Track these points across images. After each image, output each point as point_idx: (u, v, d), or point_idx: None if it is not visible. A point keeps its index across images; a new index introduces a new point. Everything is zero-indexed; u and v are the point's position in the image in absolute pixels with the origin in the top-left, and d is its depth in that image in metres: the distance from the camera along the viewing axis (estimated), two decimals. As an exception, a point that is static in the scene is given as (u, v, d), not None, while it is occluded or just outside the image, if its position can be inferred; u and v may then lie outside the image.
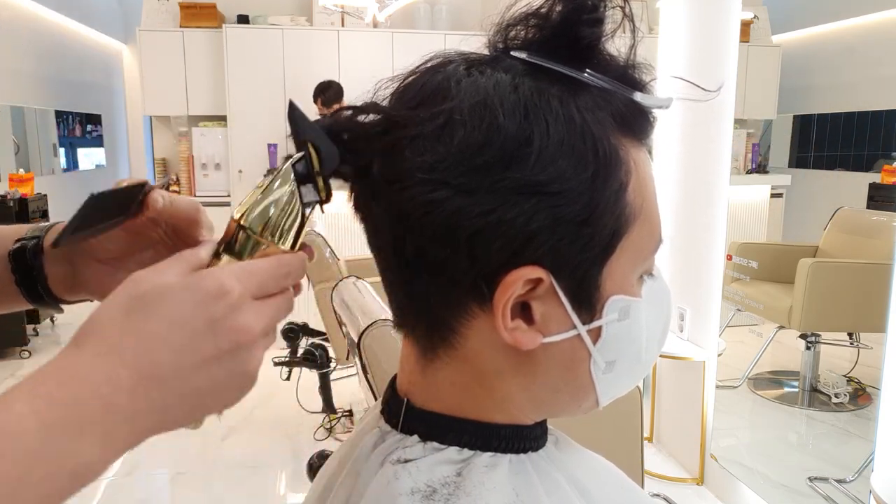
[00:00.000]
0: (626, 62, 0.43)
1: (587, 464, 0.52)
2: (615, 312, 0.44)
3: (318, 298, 2.89)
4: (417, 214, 0.40)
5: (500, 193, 0.39)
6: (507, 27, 0.44)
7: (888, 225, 2.90)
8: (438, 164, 0.40)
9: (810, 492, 2.39)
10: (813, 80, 3.70)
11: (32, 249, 0.53)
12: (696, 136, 2.59)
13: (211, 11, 5.37)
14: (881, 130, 3.29)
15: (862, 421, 2.80)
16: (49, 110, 6.41)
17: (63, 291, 0.54)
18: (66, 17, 6.71)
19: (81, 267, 0.53)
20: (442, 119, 0.40)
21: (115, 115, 8.42)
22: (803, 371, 2.98)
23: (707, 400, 2.59)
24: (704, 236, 2.57)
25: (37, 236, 0.53)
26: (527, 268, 0.40)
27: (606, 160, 0.41)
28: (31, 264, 0.53)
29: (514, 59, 0.43)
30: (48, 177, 6.21)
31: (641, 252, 0.44)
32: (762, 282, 3.04)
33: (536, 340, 0.42)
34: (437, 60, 0.44)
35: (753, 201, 3.58)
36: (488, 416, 0.46)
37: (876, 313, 1.91)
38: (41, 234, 0.53)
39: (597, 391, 0.46)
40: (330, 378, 3.11)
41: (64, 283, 0.54)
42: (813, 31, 3.67)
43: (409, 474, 0.44)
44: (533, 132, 0.39)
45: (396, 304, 0.47)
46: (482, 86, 0.41)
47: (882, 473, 1.76)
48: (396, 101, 0.44)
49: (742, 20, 2.42)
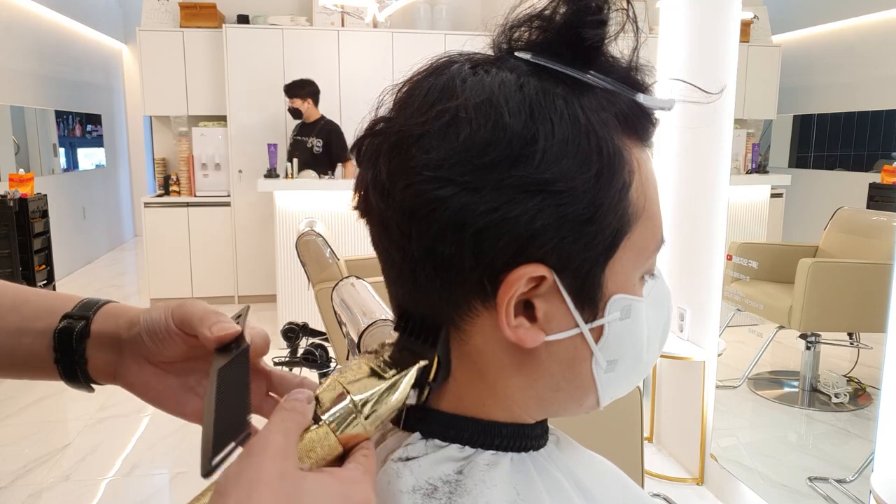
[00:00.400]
0: (629, 64, 0.43)
1: (588, 463, 0.52)
2: (617, 311, 0.44)
3: (318, 298, 2.89)
4: (423, 212, 0.41)
5: (505, 191, 0.39)
6: (511, 28, 0.44)
7: (888, 225, 2.90)
8: (444, 162, 0.40)
9: (810, 492, 2.39)
10: (813, 80, 3.70)
11: (80, 333, 0.51)
12: (696, 137, 2.59)
13: (211, 11, 5.37)
14: (881, 130, 3.29)
15: (862, 421, 2.80)
16: (49, 110, 6.41)
17: (100, 377, 0.52)
18: (65, 17, 6.71)
19: (129, 362, 0.51)
20: (447, 117, 0.40)
21: (115, 115, 8.42)
22: (803, 371, 2.98)
23: (707, 400, 2.59)
24: (704, 236, 2.57)
25: (85, 316, 0.52)
26: (530, 266, 0.41)
27: (610, 160, 0.41)
28: (75, 348, 0.51)
29: (519, 59, 0.43)
30: (48, 177, 6.22)
31: (643, 251, 0.44)
32: (762, 282, 3.04)
33: (539, 338, 0.42)
34: (441, 61, 0.44)
35: (753, 201, 3.58)
36: (490, 414, 0.46)
37: (876, 313, 1.91)
38: (89, 316, 0.52)
39: (598, 390, 0.46)
40: (330, 378, 3.11)
41: (104, 371, 0.52)
42: (813, 31, 3.67)
43: (411, 472, 0.44)
44: (538, 131, 0.40)
45: (399, 303, 0.47)
46: (487, 85, 0.41)
47: (882, 473, 1.76)
48: (402, 104, 0.44)
49: (742, 20, 2.42)
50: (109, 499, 2.63)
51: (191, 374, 0.52)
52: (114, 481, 2.73)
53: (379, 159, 0.43)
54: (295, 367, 3.03)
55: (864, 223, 3.07)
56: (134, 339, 0.50)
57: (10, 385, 3.73)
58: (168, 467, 2.83)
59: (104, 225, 7.85)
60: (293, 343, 3.11)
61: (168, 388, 0.51)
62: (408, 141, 0.41)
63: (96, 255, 7.52)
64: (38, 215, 4.62)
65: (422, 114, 0.41)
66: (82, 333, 0.51)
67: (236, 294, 5.41)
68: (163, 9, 5.44)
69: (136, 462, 2.87)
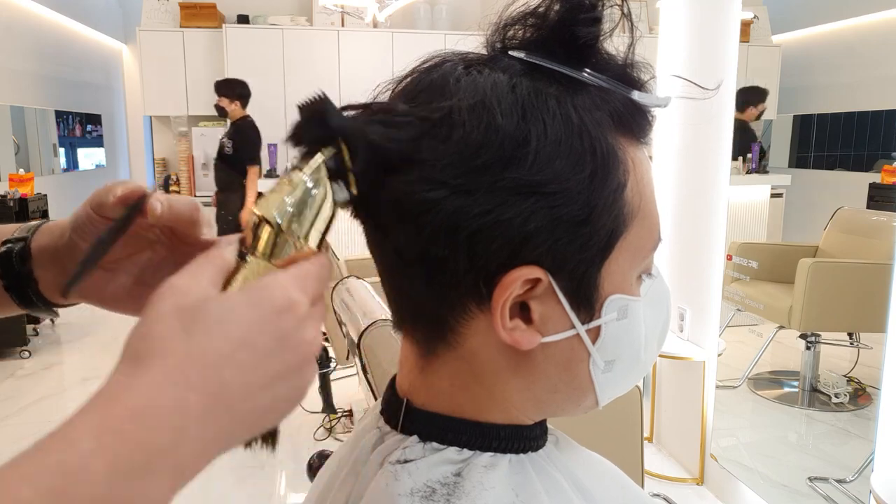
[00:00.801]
0: (624, 61, 0.43)
1: (587, 464, 0.52)
2: (614, 312, 0.44)
3: (318, 298, 2.89)
4: (416, 214, 0.40)
5: (498, 194, 0.39)
6: (505, 27, 0.44)
7: (888, 225, 2.89)
8: (437, 164, 0.39)
9: (810, 492, 2.39)
10: (813, 80, 3.70)
11: (20, 254, 0.50)
12: (696, 137, 2.59)
13: (211, 11, 5.37)
14: (881, 130, 3.29)
15: (862, 421, 2.80)
16: (49, 110, 6.41)
17: (56, 296, 0.51)
18: (65, 17, 6.71)
19: None
20: (439, 116, 0.40)
21: (115, 115, 8.42)
22: (803, 371, 2.98)
23: (707, 400, 2.59)
24: (704, 236, 2.57)
25: (24, 238, 0.50)
26: (525, 268, 0.40)
27: (604, 160, 0.41)
28: (19, 270, 0.50)
29: (512, 58, 0.43)
30: (48, 177, 6.22)
31: (640, 251, 0.44)
32: (762, 282, 3.04)
33: (535, 340, 0.42)
34: (435, 60, 0.44)
35: (753, 201, 3.58)
36: (488, 416, 0.46)
37: (876, 313, 1.91)
38: (28, 236, 0.50)
39: (596, 391, 0.46)
40: (330, 378, 3.11)
41: (57, 287, 0.51)
42: (813, 31, 3.67)
43: (409, 474, 0.44)
44: (530, 132, 0.39)
45: (396, 305, 0.47)
46: (480, 85, 0.41)
47: (882, 473, 1.75)
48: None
49: (742, 20, 2.42)
50: (109, 499, 2.62)
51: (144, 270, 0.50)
52: (114, 481, 2.73)
53: (374, 163, 0.42)
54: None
55: (864, 223, 3.06)
56: (69, 246, 0.48)
57: (10, 385, 3.73)
58: (168, 467, 2.83)
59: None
60: (293, 343, 3.10)
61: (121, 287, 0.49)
62: None
63: (96, 255, 7.51)
64: (38, 215, 4.62)
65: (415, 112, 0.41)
66: (22, 254, 0.49)
67: (236, 294, 5.41)
68: (163, 9, 5.44)
69: (135, 462, 2.87)
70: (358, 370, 1.26)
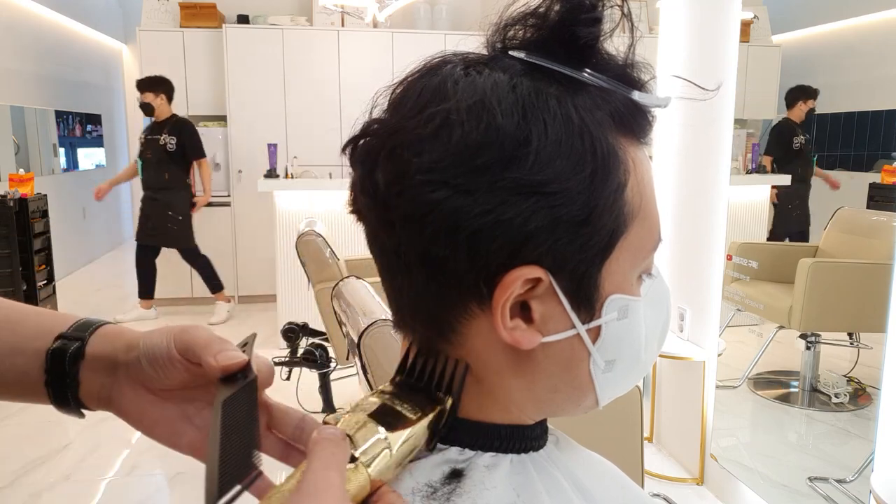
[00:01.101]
0: (624, 61, 0.43)
1: (587, 463, 0.52)
2: (614, 312, 0.44)
3: (318, 298, 2.89)
4: (416, 215, 0.40)
5: (498, 193, 0.39)
6: (506, 27, 0.44)
7: (888, 225, 2.89)
8: (437, 165, 0.39)
9: (810, 492, 2.39)
10: (813, 80, 3.69)
11: (73, 354, 0.48)
12: (696, 137, 2.59)
13: (211, 11, 5.37)
14: (881, 130, 3.29)
15: (862, 421, 2.80)
16: (49, 110, 6.41)
17: (92, 402, 0.49)
18: (65, 17, 6.71)
19: (125, 387, 0.48)
20: (439, 119, 0.40)
21: (115, 115, 8.42)
22: (803, 371, 2.98)
23: (707, 400, 2.59)
24: (704, 236, 2.57)
25: (80, 338, 0.49)
26: (526, 267, 0.40)
27: (605, 160, 0.41)
28: (68, 370, 0.48)
29: (513, 58, 0.43)
30: (48, 177, 6.22)
31: (640, 251, 0.44)
32: (762, 282, 3.03)
33: (535, 340, 0.42)
34: (435, 62, 0.44)
35: (753, 201, 3.57)
36: (488, 416, 0.46)
37: (876, 313, 1.91)
38: (85, 337, 0.49)
39: (596, 391, 0.46)
40: (330, 378, 3.11)
41: (97, 396, 0.49)
42: (813, 31, 3.67)
43: (410, 474, 0.44)
44: (531, 132, 0.39)
45: (396, 305, 0.47)
46: (480, 86, 0.41)
47: (882, 473, 1.75)
48: (396, 105, 0.43)
49: (742, 20, 2.42)
50: (109, 499, 2.63)
51: (190, 403, 0.49)
52: (114, 481, 2.73)
53: (371, 161, 0.42)
54: (295, 367, 3.03)
55: (864, 223, 3.06)
56: (131, 364, 0.47)
57: (10, 385, 3.73)
58: (167, 467, 2.83)
59: (104, 225, 7.85)
60: (293, 343, 3.11)
61: (165, 416, 0.49)
62: (400, 143, 0.41)
63: (96, 255, 7.52)
64: (38, 215, 4.62)
65: (414, 116, 0.41)
66: (76, 355, 0.48)
67: (236, 294, 5.41)
68: (163, 9, 5.44)
69: (136, 462, 2.87)
70: (358, 370, 1.26)
